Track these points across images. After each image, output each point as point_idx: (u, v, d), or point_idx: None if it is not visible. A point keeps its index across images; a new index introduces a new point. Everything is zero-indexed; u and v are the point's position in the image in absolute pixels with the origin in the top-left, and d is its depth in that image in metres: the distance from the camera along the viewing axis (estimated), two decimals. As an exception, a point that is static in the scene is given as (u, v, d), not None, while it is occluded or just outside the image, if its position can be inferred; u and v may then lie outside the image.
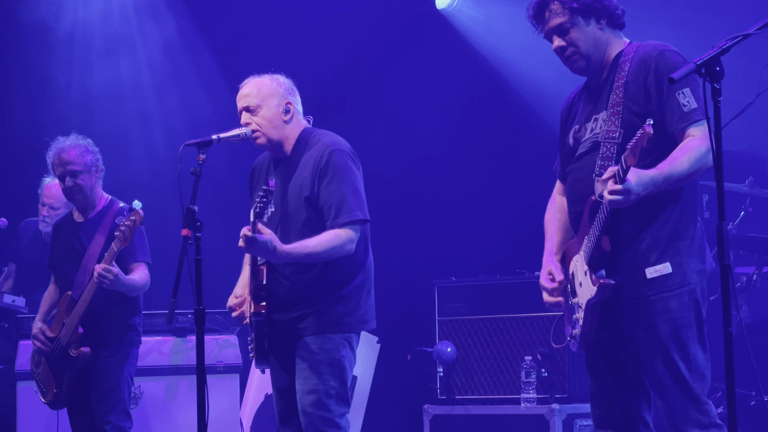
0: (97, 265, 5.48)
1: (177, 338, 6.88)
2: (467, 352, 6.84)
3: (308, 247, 4.46)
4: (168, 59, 8.97)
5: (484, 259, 7.97)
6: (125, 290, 5.62)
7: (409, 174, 8.57)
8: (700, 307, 3.80)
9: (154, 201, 7.17)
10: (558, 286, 4.00)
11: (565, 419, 6.33)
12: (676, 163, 3.68)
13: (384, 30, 8.75)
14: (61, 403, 5.78)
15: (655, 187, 3.67)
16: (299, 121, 4.74)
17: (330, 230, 4.51)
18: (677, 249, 3.78)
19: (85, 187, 5.79)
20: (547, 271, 4.03)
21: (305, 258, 4.48)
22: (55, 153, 5.80)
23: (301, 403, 4.55)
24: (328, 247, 4.47)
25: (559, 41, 3.92)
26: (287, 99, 4.70)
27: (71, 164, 5.76)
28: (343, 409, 4.57)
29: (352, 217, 4.52)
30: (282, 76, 4.77)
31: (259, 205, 4.28)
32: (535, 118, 8.34)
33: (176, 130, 8.65)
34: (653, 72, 3.80)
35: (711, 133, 3.24)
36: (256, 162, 4.91)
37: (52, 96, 8.71)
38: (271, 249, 4.35)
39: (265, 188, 4.27)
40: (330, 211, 4.53)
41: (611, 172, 3.64)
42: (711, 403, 3.80)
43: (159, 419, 6.74)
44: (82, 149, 5.79)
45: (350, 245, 4.52)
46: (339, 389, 4.55)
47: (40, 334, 5.77)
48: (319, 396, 4.51)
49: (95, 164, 5.81)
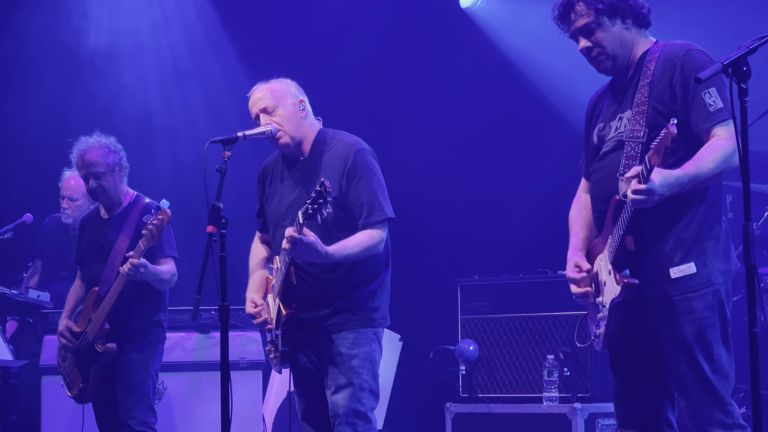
0: (131, 259, 5.50)
1: (200, 334, 6.91)
2: (489, 351, 6.84)
3: (347, 248, 4.51)
4: (193, 58, 9.01)
5: (507, 258, 7.96)
6: (153, 280, 5.64)
7: (432, 172, 8.57)
8: (724, 307, 3.79)
9: (179, 198, 7.20)
10: (586, 277, 3.96)
11: (588, 418, 6.32)
12: (702, 163, 3.66)
13: (408, 28, 8.76)
14: (87, 397, 5.82)
15: (681, 188, 3.66)
16: (313, 121, 4.76)
17: (363, 231, 4.55)
18: (702, 249, 3.78)
19: (109, 187, 5.80)
20: (574, 262, 4.00)
21: (344, 259, 4.53)
22: (78, 154, 5.82)
23: (333, 397, 4.57)
24: (364, 248, 4.53)
25: (585, 42, 3.92)
26: (300, 97, 4.73)
27: (94, 166, 5.77)
28: (374, 403, 4.62)
29: (384, 216, 4.58)
30: (288, 79, 4.80)
31: (313, 207, 4.25)
32: (559, 117, 8.33)
33: (200, 127, 8.69)
34: (679, 71, 3.79)
35: (737, 133, 3.23)
36: (265, 164, 4.90)
37: (77, 94, 8.76)
38: (316, 251, 4.38)
39: (320, 189, 4.23)
40: (362, 209, 4.56)
41: (635, 171, 3.64)
42: (734, 404, 3.80)
43: (182, 415, 6.78)
44: (105, 150, 5.79)
45: (381, 245, 4.59)
46: (371, 383, 4.60)
47: (66, 331, 5.81)
48: (354, 390, 4.54)
49: (118, 164, 5.81)
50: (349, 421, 4.53)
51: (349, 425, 4.53)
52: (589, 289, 3.94)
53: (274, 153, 4.86)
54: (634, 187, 3.60)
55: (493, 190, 8.49)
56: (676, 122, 3.52)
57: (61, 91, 8.75)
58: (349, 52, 8.58)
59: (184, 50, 9.02)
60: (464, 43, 8.80)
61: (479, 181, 8.55)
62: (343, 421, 4.53)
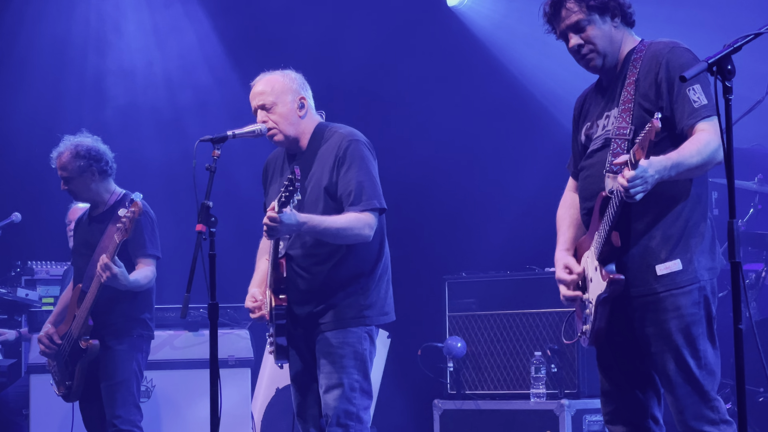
0: (102, 256, 5.49)
1: (189, 332, 6.92)
2: (477, 348, 6.87)
3: (328, 220, 4.47)
4: (183, 55, 9.00)
5: (494, 255, 7.99)
6: (126, 288, 5.62)
7: (419, 170, 8.58)
8: (710, 304, 3.81)
9: (168, 196, 7.22)
10: (577, 279, 3.95)
11: (575, 415, 6.35)
12: (685, 153, 3.65)
13: (395, 26, 8.77)
14: (74, 395, 5.81)
15: (665, 172, 3.62)
16: (313, 116, 4.76)
17: (349, 212, 4.52)
18: (688, 246, 3.80)
19: (78, 191, 5.81)
20: (564, 264, 3.99)
21: (324, 231, 4.47)
22: (54, 156, 5.84)
23: (324, 397, 4.56)
24: (347, 225, 4.48)
25: (576, 39, 3.91)
26: (300, 94, 4.71)
27: (61, 170, 5.81)
28: (366, 402, 4.60)
29: (370, 205, 4.54)
30: (293, 71, 4.79)
31: (285, 194, 4.26)
32: (545, 115, 8.36)
33: (190, 126, 8.69)
34: (664, 68, 3.80)
35: (722, 131, 3.25)
36: (269, 158, 4.92)
37: (65, 92, 8.75)
38: (294, 221, 4.34)
39: (290, 177, 4.24)
40: (348, 198, 4.54)
41: (623, 158, 3.62)
42: (720, 400, 3.82)
43: (171, 413, 6.78)
44: (72, 155, 5.76)
45: (368, 231, 4.52)
46: (363, 382, 4.58)
47: (44, 337, 5.83)
48: (343, 390, 4.53)
49: (87, 168, 5.76)
50: (340, 422, 4.52)
51: (341, 426, 4.52)
52: (578, 293, 3.92)
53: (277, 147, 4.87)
54: (627, 174, 3.57)
55: (480, 187, 8.51)
56: (660, 116, 3.53)
57: (49, 88, 8.73)
58: (335, 51, 8.59)
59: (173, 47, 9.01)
60: (450, 40, 8.81)
61: (466, 179, 8.57)
62: (334, 422, 4.52)
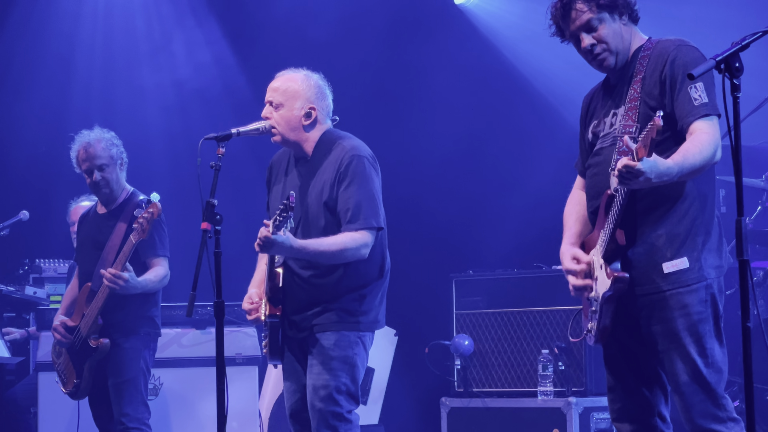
0: (108, 270, 5.50)
1: (196, 330, 6.93)
2: (484, 346, 6.87)
3: (323, 245, 4.47)
4: (189, 54, 9.01)
5: (501, 253, 7.99)
6: (141, 291, 5.64)
7: (427, 168, 8.58)
8: (717, 302, 3.81)
9: (174, 195, 7.22)
10: (586, 268, 3.91)
11: (582, 412, 6.34)
12: (688, 155, 3.63)
13: (402, 24, 8.77)
14: (82, 393, 5.83)
15: (670, 178, 3.60)
16: (321, 125, 4.72)
17: (345, 232, 4.52)
18: (695, 244, 3.79)
19: (111, 180, 5.83)
20: (571, 255, 3.96)
21: (319, 256, 4.48)
22: (81, 147, 5.83)
23: (311, 397, 4.55)
24: (342, 247, 4.48)
25: (589, 39, 3.88)
26: (312, 104, 4.67)
27: (98, 158, 5.79)
28: (352, 406, 4.57)
29: (366, 224, 4.51)
30: (320, 76, 4.75)
31: (279, 219, 4.29)
32: (552, 113, 8.35)
33: (196, 123, 8.69)
34: (669, 66, 3.79)
35: (730, 129, 3.23)
36: (274, 158, 4.90)
37: (75, 90, 8.77)
38: (288, 246, 4.37)
39: (286, 203, 4.24)
40: (346, 215, 4.52)
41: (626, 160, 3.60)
42: (728, 398, 3.81)
43: (178, 410, 6.79)
44: (107, 142, 5.82)
45: (364, 249, 4.51)
46: (350, 386, 4.56)
47: (60, 326, 5.82)
48: (330, 391, 4.51)
49: (120, 157, 5.85)
50: (329, 424, 4.51)
51: (329, 428, 4.51)
52: (589, 281, 3.89)
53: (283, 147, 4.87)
54: (624, 162, 3.52)
55: (487, 185, 8.51)
56: (662, 114, 3.51)
57: (56, 87, 8.75)
58: (340, 49, 8.58)
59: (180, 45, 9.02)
60: (458, 38, 8.81)
61: (474, 177, 8.57)
62: (323, 424, 4.51)
